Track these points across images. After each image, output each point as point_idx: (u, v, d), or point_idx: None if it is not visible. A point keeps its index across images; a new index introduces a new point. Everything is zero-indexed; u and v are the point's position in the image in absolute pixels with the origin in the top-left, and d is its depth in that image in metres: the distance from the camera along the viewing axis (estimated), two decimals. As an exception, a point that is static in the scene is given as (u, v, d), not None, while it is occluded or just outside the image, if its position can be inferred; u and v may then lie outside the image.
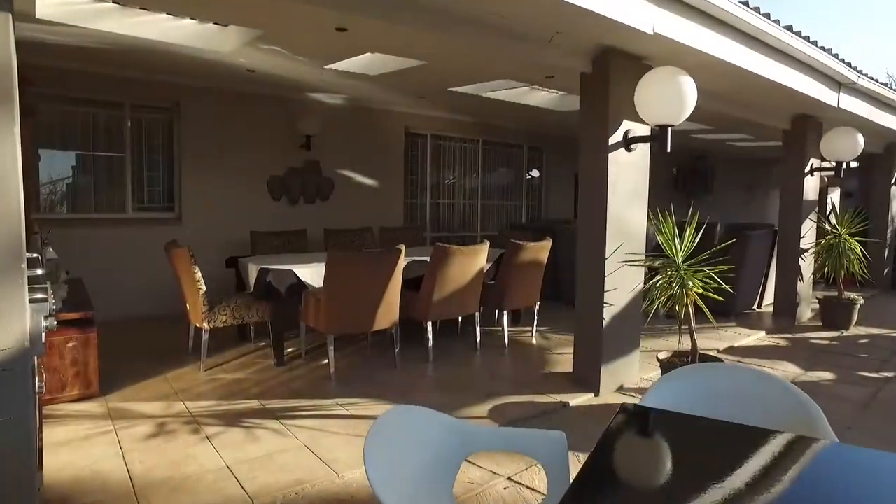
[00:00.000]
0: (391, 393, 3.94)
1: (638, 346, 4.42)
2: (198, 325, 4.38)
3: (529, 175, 10.06)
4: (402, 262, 4.31)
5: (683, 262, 3.77)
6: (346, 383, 4.14)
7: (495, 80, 5.73)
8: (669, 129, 3.77)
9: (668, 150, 3.83)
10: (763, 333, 6.08)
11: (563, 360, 4.81)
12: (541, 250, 5.24)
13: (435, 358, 4.72)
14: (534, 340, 5.51)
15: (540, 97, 6.91)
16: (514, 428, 2.71)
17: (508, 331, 5.29)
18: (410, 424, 1.80)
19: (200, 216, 6.37)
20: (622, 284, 4.14)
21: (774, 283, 6.87)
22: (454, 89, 6.16)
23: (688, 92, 3.63)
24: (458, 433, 1.88)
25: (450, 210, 8.91)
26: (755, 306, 7.18)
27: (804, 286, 6.73)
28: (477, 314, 5.04)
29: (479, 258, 4.74)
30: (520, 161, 9.86)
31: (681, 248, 3.78)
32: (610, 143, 3.97)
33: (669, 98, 3.67)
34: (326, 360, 4.51)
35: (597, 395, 4.08)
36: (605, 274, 4.01)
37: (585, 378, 4.18)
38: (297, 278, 4.46)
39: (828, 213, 6.99)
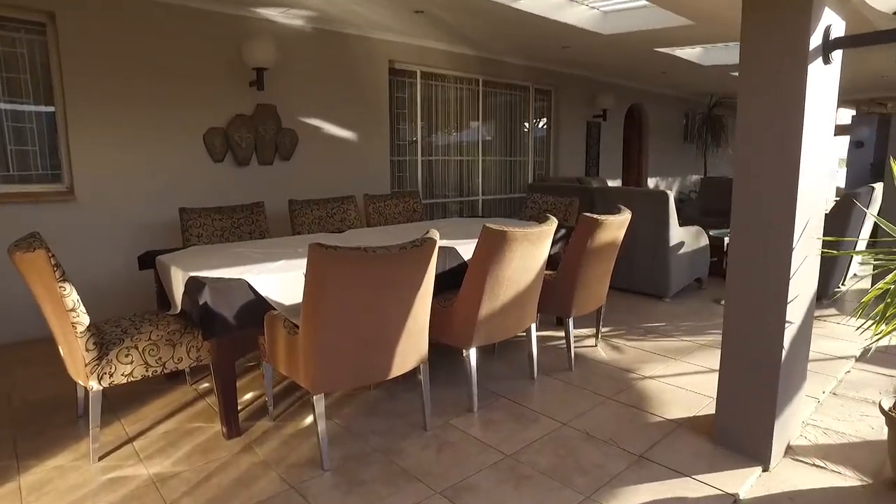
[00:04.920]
0: (434, 498, 2.22)
1: (805, 378, 2.83)
2: (81, 382, 2.52)
3: (536, 124, 8.25)
4: (435, 259, 2.55)
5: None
6: (351, 474, 2.39)
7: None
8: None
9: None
10: None
11: (662, 390, 3.20)
12: (620, 227, 3.53)
13: (480, 401, 3.03)
14: (602, 352, 3.87)
15: (578, 14, 5.10)
16: None
17: (573, 343, 3.61)
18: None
19: (104, 188, 4.36)
20: (803, 288, 2.51)
21: None
22: (473, -8, 4.27)
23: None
24: None
25: (444, 169, 7.05)
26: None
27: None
28: (534, 326, 3.35)
29: (545, 245, 3.01)
30: (526, 107, 8.00)
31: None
32: (811, 47, 2.25)
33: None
34: (310, 419, 2.79)
35: (766, 468, 2.49)
36: (791, 273, 2.36)
37: (742, 438, 2.56)
38: (255, 293, 2.64)
39: None
